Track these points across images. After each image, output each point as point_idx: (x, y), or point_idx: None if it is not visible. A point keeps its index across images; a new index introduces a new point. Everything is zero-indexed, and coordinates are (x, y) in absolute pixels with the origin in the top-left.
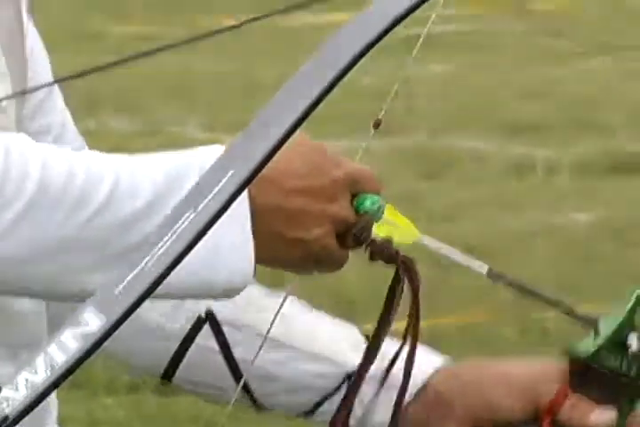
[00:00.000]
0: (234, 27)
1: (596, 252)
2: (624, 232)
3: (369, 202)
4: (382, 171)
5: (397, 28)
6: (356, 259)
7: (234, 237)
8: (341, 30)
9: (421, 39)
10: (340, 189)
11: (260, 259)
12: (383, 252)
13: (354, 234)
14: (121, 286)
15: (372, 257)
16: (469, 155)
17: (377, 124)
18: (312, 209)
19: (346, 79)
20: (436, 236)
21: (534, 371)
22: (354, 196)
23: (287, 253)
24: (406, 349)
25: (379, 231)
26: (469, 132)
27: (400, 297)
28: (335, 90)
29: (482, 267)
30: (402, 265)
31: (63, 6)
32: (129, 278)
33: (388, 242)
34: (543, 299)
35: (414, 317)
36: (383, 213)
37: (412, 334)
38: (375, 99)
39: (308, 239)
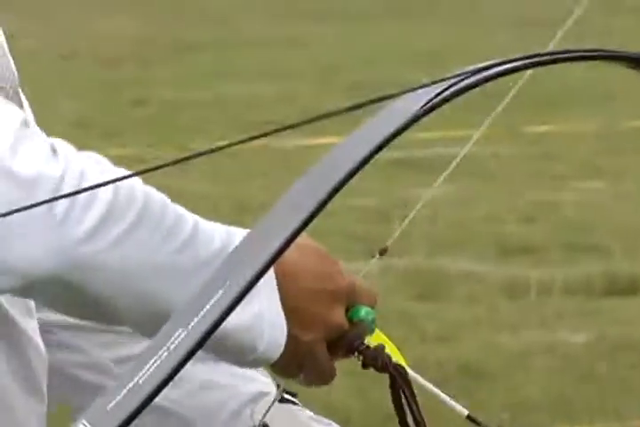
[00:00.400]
0: (221, 148)
1: (592, 372)
2: (619, 353)
3: (363, 312)
4: (377, 290)
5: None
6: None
7: (272, 314)
8: (336, 147)
9: (455, 161)
10: (340, 298)
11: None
12: (376, 360)
13: (346, 341)
14: (113, 403)
15: (365, 365)
16: (464, 276)
17: (383, 251)
18: (312, 310)
19: (345, 200)
20: (432, 357)
21: None
22: (348, 308)
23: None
24: None
25: (370, 342)
26: (465, 253)
27: (401, 402)
28: (334, 209)
29: (462, 411)
30: (395, 373)
31: (59, 125)
32: (120, 395)
33: (380, 350)
34: None
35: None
36: (375, 326)
37: None
38: (376, 220)
39: (301, 339)
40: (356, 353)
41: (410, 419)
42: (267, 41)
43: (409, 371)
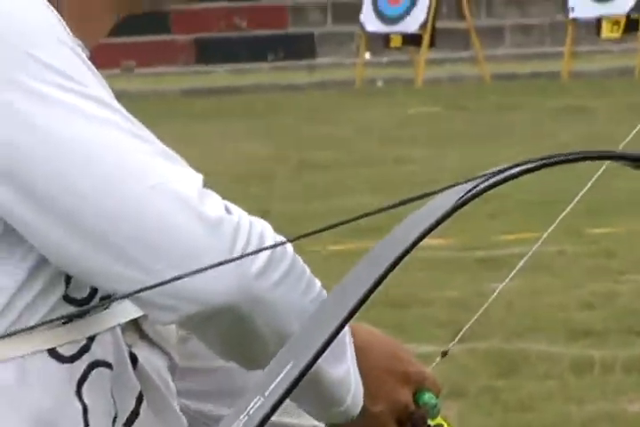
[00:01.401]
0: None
1: None
2: None
3: (427, 396)
4: (462, 370)
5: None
6: None
7: (357, 373)
8: (389, 235)
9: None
10: (408, 380)
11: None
12: None
13: (413, 421)
14: None
15: None
16: (538, 356)
17: (444, 353)
18: (381, 386)
19: (437, 292)
20: (513, 424)
21: None
22: (415, 392)
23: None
24: None
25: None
26: (537, 337)
27: None
28: (428, 299)
29: None
30: None
31: None
32: None
33: None
34: None
35: None
36: (439, 411)
37: None
38: (460, 309)
39: (369, 409)
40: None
41: None
42: (376, 160)
43: None
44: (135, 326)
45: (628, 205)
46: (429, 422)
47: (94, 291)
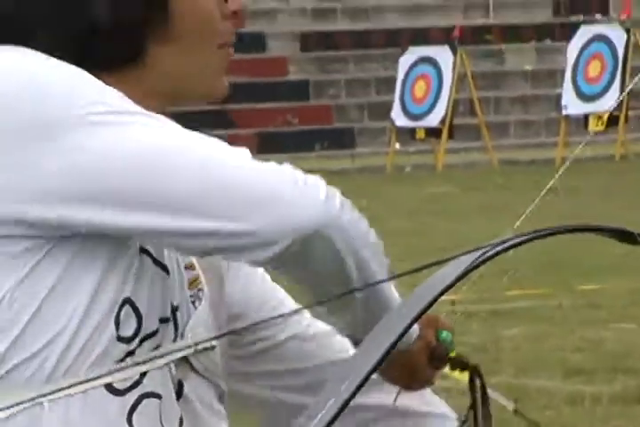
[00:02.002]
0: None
1: None
2: None
3: (445, 334)
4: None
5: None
6: None
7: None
8: (414, 292)
9: None
10: (430, 324)
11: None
12: (460, 363)
13: (437, 354)
14: None
15: (452, 368)
16: (539, 390)
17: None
18: (422, 335)
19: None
20: None
21: None
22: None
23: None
24: None
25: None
26: (539, 374)
27: (477, 392)
28: None
29: (509, 404)
30: (474, 371)
31: None
32: None
33: (460, 357)
34: None
35: (482, 406)
36: (454, 346)
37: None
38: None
39: (411, 349)
40: (445, 361)
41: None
42: (403, 231)
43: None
44: (186, 361)
45: (611, 266)
46: (450, 354)
47: (139, 328)
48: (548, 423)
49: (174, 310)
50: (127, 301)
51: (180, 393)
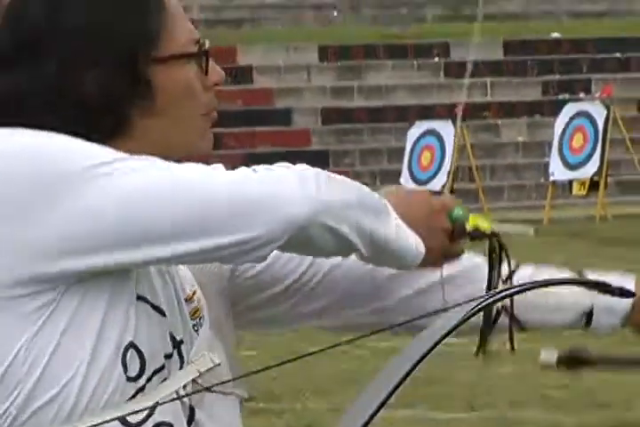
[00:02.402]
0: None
1: None
2: None
3: (455, 212)
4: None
5: None
6: None
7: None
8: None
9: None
10: (441, 212)
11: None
12: (478, 234)
13: (457, 232)
14: None
15: (473, 239)
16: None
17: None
18: (437, 225)
19: None
20: None
21: None
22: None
23: (431, 246)
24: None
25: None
26: (529, 408)
27: (498, 260)
28: None
29: (528, 230)
30: (492, 236)
31: None
32: None
33: (477, 229)
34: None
35: (499, 265)
36: (467, 215)
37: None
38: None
39: (429, 246)
40: (465, 235)
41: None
42: None
43: (494, 225)
44: (197, 385)
45: None
46: (467, 227)
47: (144, 367)
48: None
49: (179, 344)
50: (131, 345)
51: (191, 419)
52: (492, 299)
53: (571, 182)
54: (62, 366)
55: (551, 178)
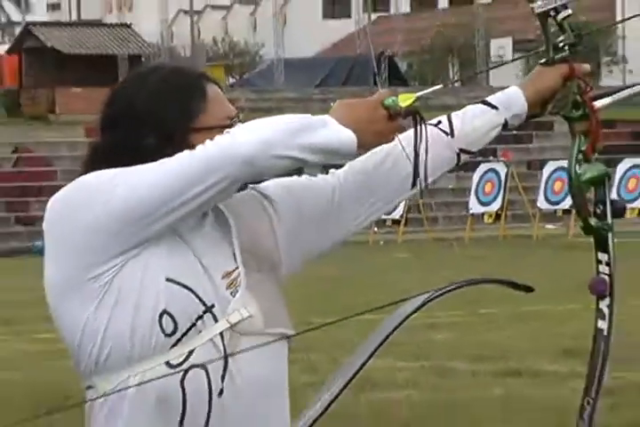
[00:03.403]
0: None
1: None
2: None
3: (386, 101)
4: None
5: None
6: None
7: (345, 133)
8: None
9: None
10: (378, 102)
11: (363, 142)
12: (408, 112)
13: (394, 119)
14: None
15: (404, 118)
16: None
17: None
18: (377, 114)
19: None
20: None
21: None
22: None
23: (378, 130)
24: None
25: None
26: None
27: (420, 130)
28: None
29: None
30: (415, 113)
31: None
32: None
33: (407, 110)
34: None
35: (420, 135)
36: (397, 99)
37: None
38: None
39: (369, 128)
40: (400, 114)
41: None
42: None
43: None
44: (235, 333)
45: None
46: (400, 107)
47: (176, 325)
48: None
49: (210, 307)
50: (164, 311)
51: (225, 368)
52: (444, 290)
53: (483, 214)
54: (116, 329)
55: (470, 211)
